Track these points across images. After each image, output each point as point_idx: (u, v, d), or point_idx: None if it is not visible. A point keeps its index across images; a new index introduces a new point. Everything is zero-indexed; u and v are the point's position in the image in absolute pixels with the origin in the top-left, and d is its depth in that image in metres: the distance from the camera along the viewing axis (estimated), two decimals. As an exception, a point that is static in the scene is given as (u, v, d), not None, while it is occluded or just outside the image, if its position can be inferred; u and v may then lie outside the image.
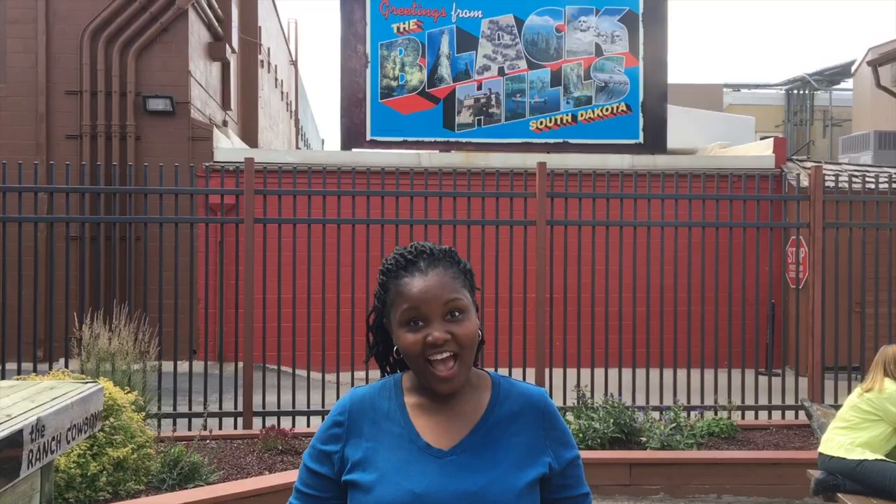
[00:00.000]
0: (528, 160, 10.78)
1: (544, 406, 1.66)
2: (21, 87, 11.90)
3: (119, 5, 12.01)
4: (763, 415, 7.51)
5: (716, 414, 7.07)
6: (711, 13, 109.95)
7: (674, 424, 6.50)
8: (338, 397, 6.87)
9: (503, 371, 7.26)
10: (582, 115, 13.55)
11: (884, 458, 4.54)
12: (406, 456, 1.55)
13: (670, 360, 7.41)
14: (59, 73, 11.97)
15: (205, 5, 13.15)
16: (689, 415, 6.96)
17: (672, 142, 14.06)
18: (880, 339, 7.17)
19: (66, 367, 6.52)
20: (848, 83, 25.33)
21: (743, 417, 7.35)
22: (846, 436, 4.62)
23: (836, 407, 6.09)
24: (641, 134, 13.60)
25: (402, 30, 13.26)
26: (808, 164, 11.74)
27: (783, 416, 7.50)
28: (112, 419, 4.93)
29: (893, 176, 7.78)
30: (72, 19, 11.97)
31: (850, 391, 6.09)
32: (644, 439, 6.35)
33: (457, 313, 1.57)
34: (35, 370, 6.30)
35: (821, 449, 4.82)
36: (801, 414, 7.18)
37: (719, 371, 7.46)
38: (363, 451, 1.58)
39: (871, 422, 4.57)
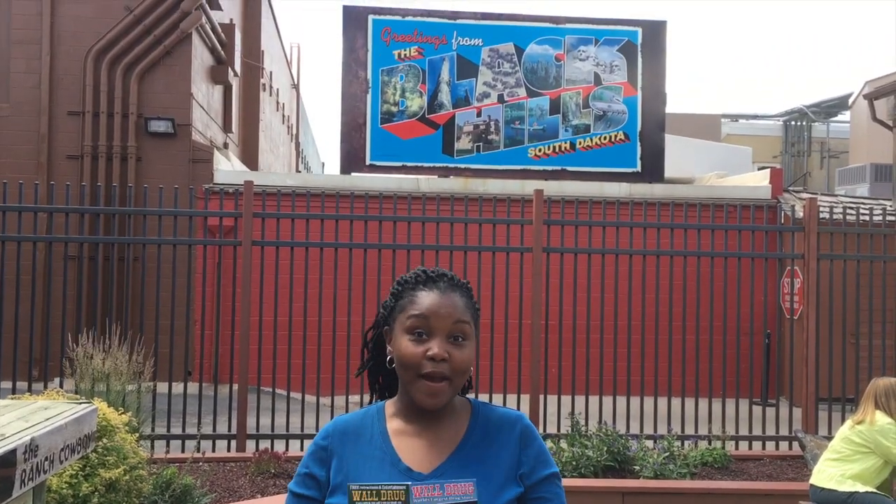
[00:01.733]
0: (527, 187, 10.86)
1: (522, 426, 1.69)
2: (23, 107, 11.99)
3: (123, 28, 12.15)
4: (757, 445, 7.50)
5: (709, 444, 7.06)
6: (710, 44, 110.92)
7: (667, 453, 6.49)
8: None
9: (498, 397, 7.26)
10: (580, 144, 13.66)
11: (874, 490, 4.55)
12: (387, 479, 1.58)
13: (665, 389, 7.42)
14: (62, 94, 12.07)
15: (208, 29, 13.29)
16: (682, 444, 6.95)
17: (669, 171, 14.16)
18: (874, 371, 7.19)
19: (61, 386, 6.53)
20: (845, 115, 25.55)
21: (737, 448, 7.34)
22: (837, 468, 4.63)
23: (830, 438, 6.09)
24: (639, 163, 13.71)
25: (403, 56, 13.40)
26: (805, 196, 11.81)
27: (777, 447, 7.49)
28: (105, 440, 4.92)
29: (888, 208, 7.85)
30: (76, 41, 12.09)
31: (843, 422, 6.10)
32: (637, 468, 6.34)
33: (461, 338, 1.61)
34: (30, 389, 6.30)
35: (812, 480, 4.83)
36: (795, 445, 7.17)
37: (713, 400, 7.46)
38: (344, 475, 1.61)
39: (863, 454, 4.58)
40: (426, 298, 1.62)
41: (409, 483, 1.47)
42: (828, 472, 4.67)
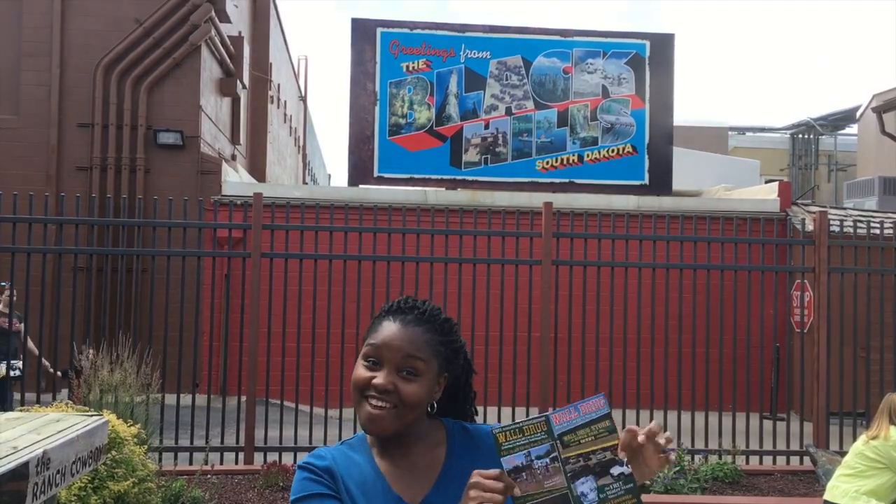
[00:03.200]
0: (534, 199, 10.85)
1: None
2: (33, 118, 12.05)
3: (133, 40, 12.21)
4: (767, 460, 7.45)
5: (720, 458, 7.02)
6: (718, 56, 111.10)
7: (678, 468, 6.45)
8: (340, 434, 6.84)
9: (506, 411, 7.23)
10: (588, 156, 13.66)
11: (889, 506, 4.50)
12: None
13: (675, 402, 7.38)
14: (72, 106, 12.12)
15: (217, 42, 13.35)
16: (693, 458, 6.90)
17: (677, 183, 14.14)
18: (885, 385, 7.14)
19: (70, 398, 6.52)
20: (853, 128, 25.51)
21: (747, 462, 7.29)
22: (851, 483, 4.59)
23: (842, 453, 6.04)
24: (647, 175, 13.70)
25: (411, 69, 13.44)
26: (813, 209, 11.77)
27: (788, 462, 7.44)
28: (114, 452, 4.91)
29: (898, 222, 7.81)
30: (86, 53, 12.16)
31: (855, 437, 6.05)
32: (648, 482, 6.29)
33: (410, 372, 1.59)
34: (38, 401, 6.30)
35: (826, 496, 4.78)
36: (806, 460, 7.12)
37: (724, 414, 7.42)
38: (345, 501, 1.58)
39: (877, 470, 4.54)
40: (386, 329, 1.62)
41: (549, 413, 1.44)
42: (842, 488, 4.62)
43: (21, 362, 7.26)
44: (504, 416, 7.24)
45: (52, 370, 7.21)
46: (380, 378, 1.57)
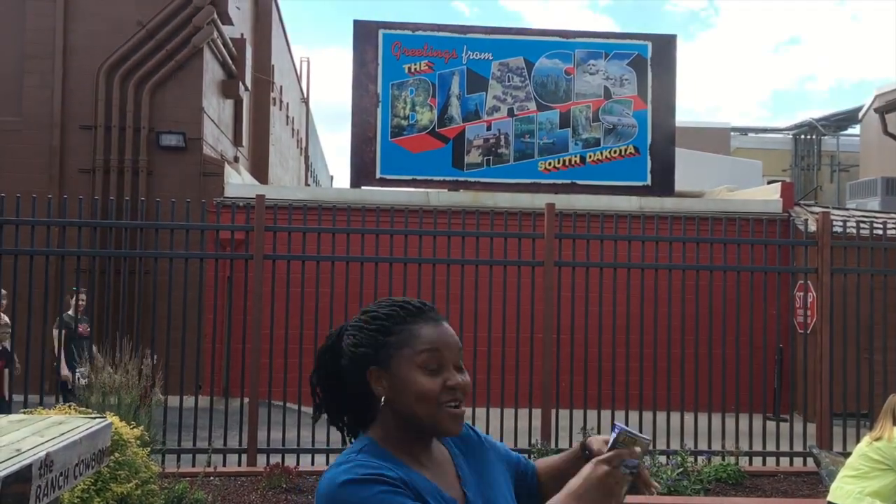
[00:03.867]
0: (536, 200, 10.85)
1: (476, 433, 1.76)
2: (36, 120, 12.06)
3: (136, 42, 12.23)
4: (771, 461, 7.44)
5: (723, 459, 7.00)
6: (719, 57, 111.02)
7: (681, 469, 6.44)
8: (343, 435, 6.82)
9: (509, 412, 7.23)
10: (590, 157, 13.66)
11: (893, 507, 4.49)
12: None
13: (677, 404, 7.37)
14: (74, 108, 12.14)
15: (220, 44, 13.37)
16: (696, 459, 6.89)
17: (679, 184, 14.13)
18: (889, 386, 7.12)
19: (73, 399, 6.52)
20: (855, 129, 25.47)
21: (750, 463, 7.28)
22: (855, 485, 4.58)
23: (845, 454, 6.03)
24: (649, 176, 13.70)
25: (413, 70, 13.44)
26: (816, 210, 11.76)
27: (791, 463, 7.42)
28: (117, 454, 4.91)
29: (901, 222, 7.80)
30: (88, 55, 12.17)
31: (858, 438, 6.03)
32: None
33: (461, 364, 1.61)
34: (41, 403, 6.30)
35: (830, 498, 4.77)
36: (810, 461, 7.10)
37: (726, 415, 7.40)
38: None
39: (881, 471, 4.53)
40: (430, 331, 1.58)
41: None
42: (846, 490, 4.61)
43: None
44: (506, 416, 7.23)
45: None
46: (457, 378, 1.56)
